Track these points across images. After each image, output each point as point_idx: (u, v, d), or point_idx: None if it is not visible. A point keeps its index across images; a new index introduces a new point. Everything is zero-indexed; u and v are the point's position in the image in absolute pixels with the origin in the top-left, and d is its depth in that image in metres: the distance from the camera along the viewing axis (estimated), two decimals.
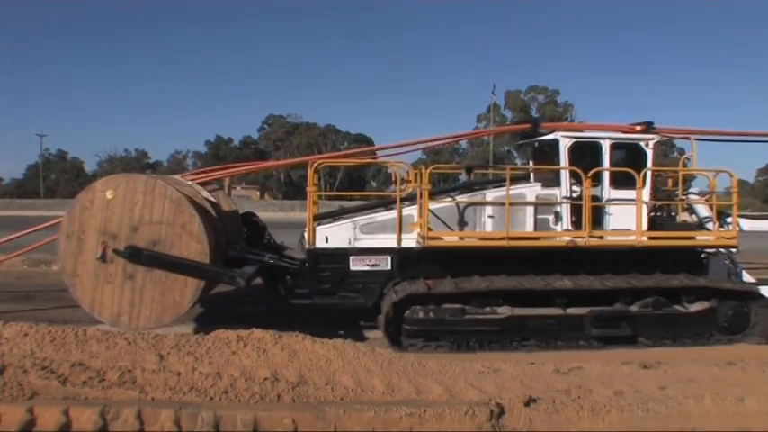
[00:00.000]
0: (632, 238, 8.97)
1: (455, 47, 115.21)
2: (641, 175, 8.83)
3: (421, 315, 8.39)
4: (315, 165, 9.27)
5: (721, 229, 9.59)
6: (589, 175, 8.74)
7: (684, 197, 10.32)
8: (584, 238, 8.76)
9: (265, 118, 78.44)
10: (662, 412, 5.40)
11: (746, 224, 10.37)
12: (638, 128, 9.84)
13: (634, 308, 8.73)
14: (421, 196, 8.69)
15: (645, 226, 9.17)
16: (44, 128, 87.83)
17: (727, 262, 10.06)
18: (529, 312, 8.52)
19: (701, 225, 9.88)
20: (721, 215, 9.93)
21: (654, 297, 8.75)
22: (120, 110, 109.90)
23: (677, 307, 8.92)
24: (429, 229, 8.66)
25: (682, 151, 69.03)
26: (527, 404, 5.37)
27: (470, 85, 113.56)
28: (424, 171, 8.83)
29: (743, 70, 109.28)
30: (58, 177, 72.23)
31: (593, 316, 8.55)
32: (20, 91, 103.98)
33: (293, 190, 65.42)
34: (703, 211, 9.87)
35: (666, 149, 67.60)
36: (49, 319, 7.68)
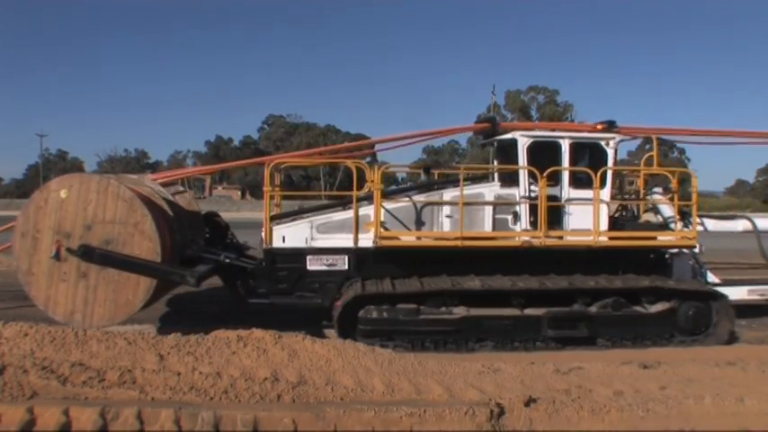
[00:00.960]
0: (590, 238, 8.91)
1: (455, 47, 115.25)
2: (598, 174, 8.74)
3: (374, 315, 8.36)
4: (271, 165, 9.30)
5: (686, 230, 9.55)
6: (544, 174, 8.68)
7: (649, 197, 10.34)
8: (540, 239, 8.71)
9: (265, 118, 78.62)
10: (662, 412, 5.39)
11: (711, 224, 10.43)
12: (599, 127, 9.79)
13: (593, 309, 8.65)
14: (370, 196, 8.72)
15: (605, 226, 9.11)
16: (44, 128, 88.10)
17: (691, 262, 9.99)
18: (485, 313, 8.48)
19: (663, 225, 9.83)
20: (685, 215, 9.91)
21: (613, 298, 8.67)
22: (120, 110, 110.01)
23: (638, 308, 8.82)
24: (383, 229, 8.70)
25: (682, 151, 69.01)
26: (527, 404, 5.36)
27: (471, 85, 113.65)
28: (375, 171, 8.82)
29: (743, 70, 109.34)
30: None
31: (550, 317, 8.48)
32: (20, 91, 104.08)
33: (291, 189, 65.50)
34: (667, 210, 9.82)
35: (666, 149, 67.72)
36: (49, 320, 7.69)
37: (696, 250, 9.65)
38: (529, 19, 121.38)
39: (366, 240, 8.78)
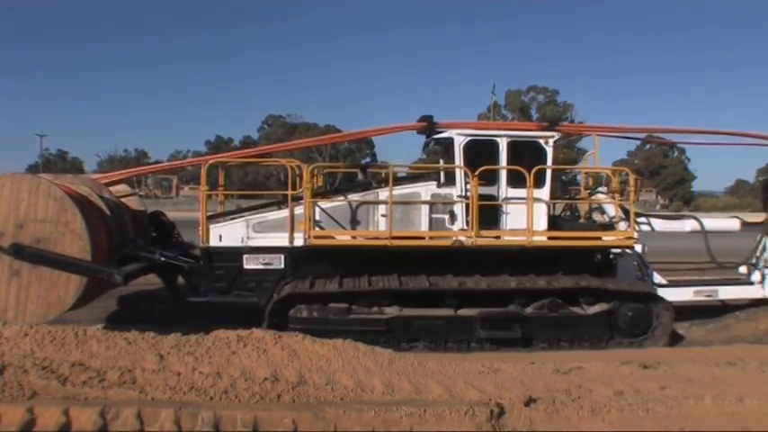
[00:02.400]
0: (538, 238, 8.86)
1: (455, 46, 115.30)
2: (532, 173, 8.65)
3: (305, 314, 8.36)
4: (207, 164, 9.40)
5: (629, 229, 9.50)
6: (476, 173, 8.65)
7: (591, 196, 10.33)
8: (471, 238, 8.67)
9: (265, 118, 78.48)
10: (662, 412, 5.39)
11: (659, 224, 10.42)
12: (539, 125, 9.73)
13: (529, 310, 8.57)
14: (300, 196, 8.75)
15: (543, 226, 9.06)
16: (44, 128, 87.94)
17: (636, 263, 9.93)
18: (417, 313, 8.45)
19: (602, 225, 9.78)
20: (629, 215, 9.87)
21: (549, 299, 8.59)
22: (120, 110, 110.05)
23: (575, 309, 8.74)
24: (315, 228, 8.75)
25: (682, 151, 68.98)
26: (527, 404, 5.36)
27: (471, 85, 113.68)
28: (305, 170, 8.82)
29: (743, 70, 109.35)
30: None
31: (483, 317, 8.41)
32: (20, 91, 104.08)
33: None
34: (612, 210, 9.77)
35: (667, 150, 67.68)
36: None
37: (638, 250, 9.59)
38: (529, 19, 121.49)
39: (301, 239, 8.82)
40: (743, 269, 10.83)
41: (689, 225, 10.54)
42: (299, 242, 8.81)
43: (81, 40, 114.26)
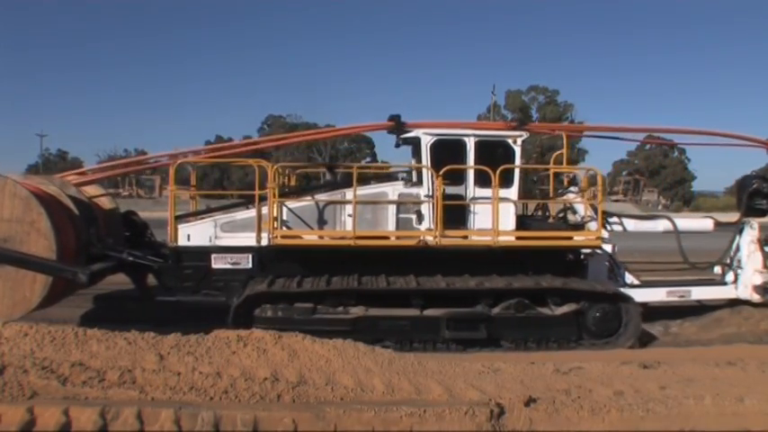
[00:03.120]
0: (505, 238, 8.84)
1: (456, 47, 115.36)
2: (497, 172, 8.61)
3: (269, 314, 8.36)
4: (176, 164, 9.45)
5: (604, 229, 9.46)
6: (440, 173, 8.65)
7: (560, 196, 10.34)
8: (435, 238, 8.65)
9: (265, 118, 78.41)
10: (662, 412, 5.39)
11: (631, 225, 10.41)
12: (507, 125, 9.72)
13: (496, 310, 8.54)
14: (269, 196, 8.76)
15: (511, 225, 9.05)
16: (44, 128, 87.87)
17: (607, 263, 9.90)
18: (382, 313, 8.43)
19: (571, 225, 9.76)
20: (603, 215, 9.83)
21: (516, 299, 8.55)
22: (120, 109, 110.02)
23: (543, 310, 8.69)
24: (282, 228, 8.80)
25: (682, 151, 68.92)
26: (527, 404, 5.36)
27: (471, 85, 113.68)
28: (270, 169, 8.83)
29: (743, 70, 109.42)
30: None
31: (448, 318, 8.38)
32: (20, 91, 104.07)
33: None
34: (582, 210, 9.75)
35: (667, 150, 67.69)
36: (49, 319, 7.72)
37: (608, 250, 9.55)
38: (529, 19, 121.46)
39: (267, 239, 8.85)
40: (718, 269, 10.80)
41: (662, 225, 10.52)
42: (265, 242, 8.84)
43: (81, 40, 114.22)
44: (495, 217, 8.72)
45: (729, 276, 10.45)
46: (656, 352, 8.22)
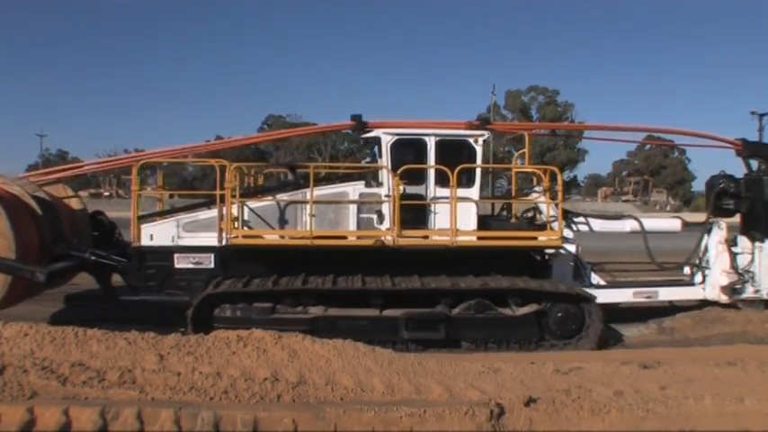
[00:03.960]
0: (465, 238, 8.84)
1: (456, 47, 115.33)
2: (455, 172, 8.59)
3: (228, 313, 8.38)
4: (138, 165, 9.48)
5: (568, 229, 9.47)
6: (397, 172, 8.67)
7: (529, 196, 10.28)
8: (392, 238, 8.66)
9: (265, 118, 78.42)
10: (662, 412, 5.39)
11: (598, 225, 10.39)
12: (469, 124, 9.67)
13: (456, 311, 8.51)
14: (226, 196, 8.82)
15: (472, 225, 9.04)
16: (44, 128, 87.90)
17: (572, 263, 9.86)
18: (341, 313, 8.44)
19: (533, 225, 9.72)
20: (566, 214, 9.88)
21: (476, 299, 8.52)
22: (120, 109, 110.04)
23: (505, 310, 8.65)
24: (243, 228, 8.87)
25: (682, 152, 68.86)
26: (527, 404, 5.36)
27: (471, 85, 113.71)
28: (228, 169, 8.85)
29: (744, 70, 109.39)
30: (57, 177, 72.27)
31: (407, 318, 8.37)
32: (20, 91, 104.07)
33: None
34: (548, 209, 9.63)
35: (667, 150, 67.65)
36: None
37: (572, 250, 9.52)
38: (529, 19, 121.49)
39: (234, 239, 8.89)
40: (687, 270, 10.75)
41: (629, 225, 10.49)
42: (224, 242, 8.90)
43: (81, 40, 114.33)
44: (452, 217, 8.70)
45: (698, 277, 10.39)
46: (656, 352, 8.21)
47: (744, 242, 10.33)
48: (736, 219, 10.78)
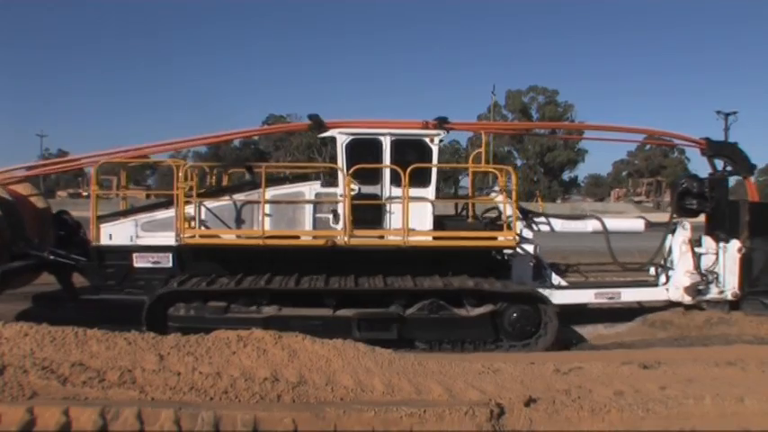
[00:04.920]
0: (419, 238, 8.84)
1: (456, 47, 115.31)
2: (407, 172, 8.59)
3: (182, 313, 8.41)
4: (97, 165, 9.63)
5: (526, 230, 9.44)
6: (349, 172, 8.73)
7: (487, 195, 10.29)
8: (344, 237, 8.68)
9: (265, 118, 78.45)
10: (662, 412, 5.39)
11: (559, 225, 10.33)
12: (425, 124, 9.62)
13: (411, 310, 8.50)
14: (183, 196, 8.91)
15: (428, 225, 9.03)
16: (44, 128, 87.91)
17: (531, 264, 9.80)
18: (294, 313, 8.45)
19: (489, 224, 9.68)
20: (525, 214, 9.89)
21: (430, 300, 8.50)
22: (120, 109, 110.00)
23: (460, 311, 8.61)
24: (202, 228, 8.96)
25: (682, 151, 68.86)
26: (527, 404, 5.36)
27: (471, 85, 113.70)
28: (180, 169, 8.91)
29: (744, 70, 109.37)
30: (57, 177, 72.24)
31: (359, 318, 8.36)
32: (20, 91, 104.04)
33: None
34: (509, 209, 9.60)
35: (667, 150, 67.62)
36: (50, 319, 7.70)
37: (530, 250, 9.47)
38: (529, 19, 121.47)
39: (187, 239, 8.94)
40: (653, 270, 10.69)
41: (591, 225, 10.40)
42: (186, 241, 8.96)
43: (81, 40, 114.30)
44: (404, 216, 8.70)
45: (663, 278, 10.32)
46: (656, 352, 8.20)
47: (708, 242, 10.22)
48: (702, 219, 10.68)
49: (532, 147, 61.46)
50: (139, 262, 9.09)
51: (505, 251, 9.47)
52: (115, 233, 9.17)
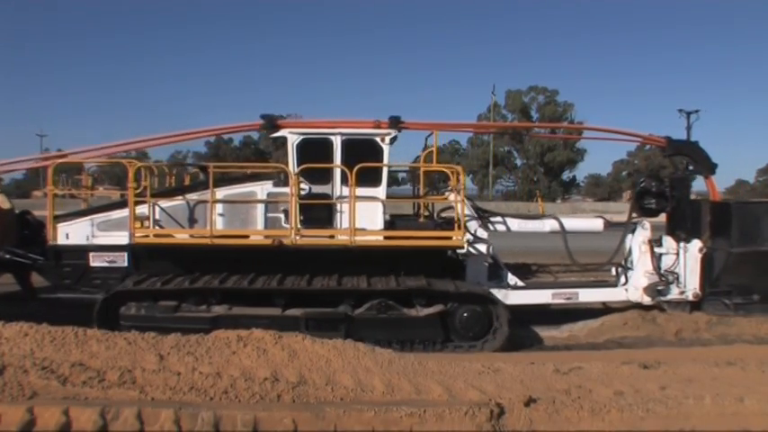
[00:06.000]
0: (368, 237, 8.85)
1: (456, 46, 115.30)
2: (353, 171, 8.59)
3: (133, 311, 8.45)
4: (54, 165, 9.65)
5: (481, 229, 9.40)
6: (295, 172, 8.79)
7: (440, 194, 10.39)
8: (291, 237, 8.69)
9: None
10: (662, 412, 5.39)
11: (515, 224, 10.25)
12: (376, 123, 9.58)
13: (360, 310, 8.51)
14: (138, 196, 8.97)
15: (379, 225, 9.05)
16: (44, 128, 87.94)
17: (487, 264, 9.72)
18: (242, 312, 8.47)
19: (439, 224, 9.60)
20: (481, 213, 9.85)
21: (379, 300, 8.50)
22: (119, 110, 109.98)
23: (411, 311, 8.60)
24: (155, 227, 9.03)
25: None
26: (527, 404, 5.36)
27: (471, 85, 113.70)
28: (131, 170, 8.96)
29: (744, 70, 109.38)
30: (57, 177, 72.26)
31: (307, 317, 8.38)
32: (20, 91, 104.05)
33: None
34: (460, 209, 9.44)
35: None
36: (50, 319, 7.69)
37: (483, 250, 9.41)
38: (529, 19, 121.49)
39: (140, 238, 8.99)
40: (614, 270, 10.57)
41: (548, 225, 10.30)
42: (137, 241, 9.01)
43: (81, 40, 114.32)
44: (351, 216, 8.73)
45: (623, 278, 10.21)
46: (657, 352, 8.20)
47: (669, 242, 10.08)
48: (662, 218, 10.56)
49: (533, 147, 61.50)
50: (95, 261, 9.18)
51: (459, 251, 9.39)
52: (72, 233, 9.25)
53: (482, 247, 9.46)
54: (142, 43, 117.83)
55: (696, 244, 9.88)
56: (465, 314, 8.63)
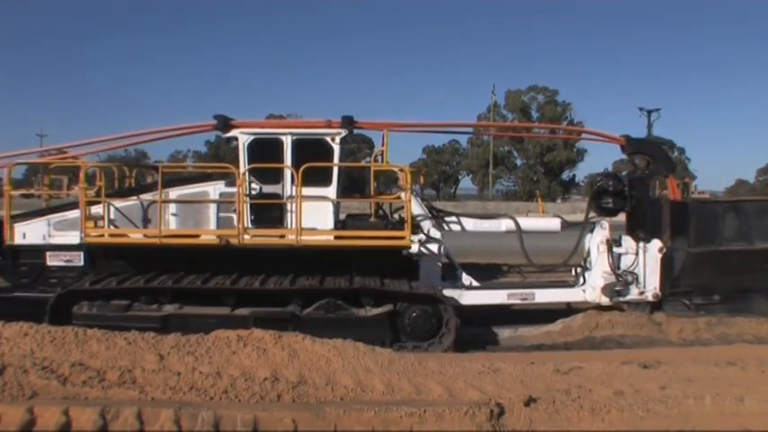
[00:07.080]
0: (316, 237, 8.87)
1: (456, 47, 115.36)
2: (300, 171, 8.57)
3: (85, 310, 8.46)
4: (13, 165, 9.70)
5: (434, 229, 9.38)
6: (243, 172, 8.83)
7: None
8: (239, 237, 8.71)
9: (266, 117, 78.45)
10: (662, 412, 5.39)
11: (471, 224, 10.14)
12: (327, 123, 9.52)
13: (309, 310, 8.50)
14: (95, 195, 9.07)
15: (329, 224, 9.06)
16: (44, 128, 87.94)
17: (440, 264, 9.61)
18: (193, 311, 8.49)
19: (388, 224, 9.55)
20: (435, 214, 9.80)
21: (327, 299, 8.50)
22: (119, 110, 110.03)
23: (358, 311, 8.57)
24: (110, 227, 9.08)
25: (681, 151, 68.89)
26: (527, 404, 5.36)
27: (471, 85, 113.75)
28: (82, 170, 9.03)
29: (742, 69, 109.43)
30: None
31: (256, 317, 8.35)
32: (20, 91, 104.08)
33: None
34: (416, 209, 9.48)
35: (667, 150, 67.58)
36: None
37: (435, 250, 9.27)
38: (529, 19, 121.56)
39: (92, 238, 9.02)
40: (574, 271, 10.41)
41: (504, 225, 10.12)
42: (88, 240, 9.03)
43: (81, 40, 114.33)
44: (297, 216, 8.72)
45: (581, 279, 10.06)
46: (657, 352, 8.18)
47: (628, 242, 9.90)
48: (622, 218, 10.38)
49: (533, 147, 61.48)
50: (52, 260, 9.22)
51: (409, 251, 9.21)
52: (29, 232, 9.29)
53: (434, 247, 9.36)
54: (143, 43, 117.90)
55: (656, 244, 9.71)
56: (414, 314, 8.61)
